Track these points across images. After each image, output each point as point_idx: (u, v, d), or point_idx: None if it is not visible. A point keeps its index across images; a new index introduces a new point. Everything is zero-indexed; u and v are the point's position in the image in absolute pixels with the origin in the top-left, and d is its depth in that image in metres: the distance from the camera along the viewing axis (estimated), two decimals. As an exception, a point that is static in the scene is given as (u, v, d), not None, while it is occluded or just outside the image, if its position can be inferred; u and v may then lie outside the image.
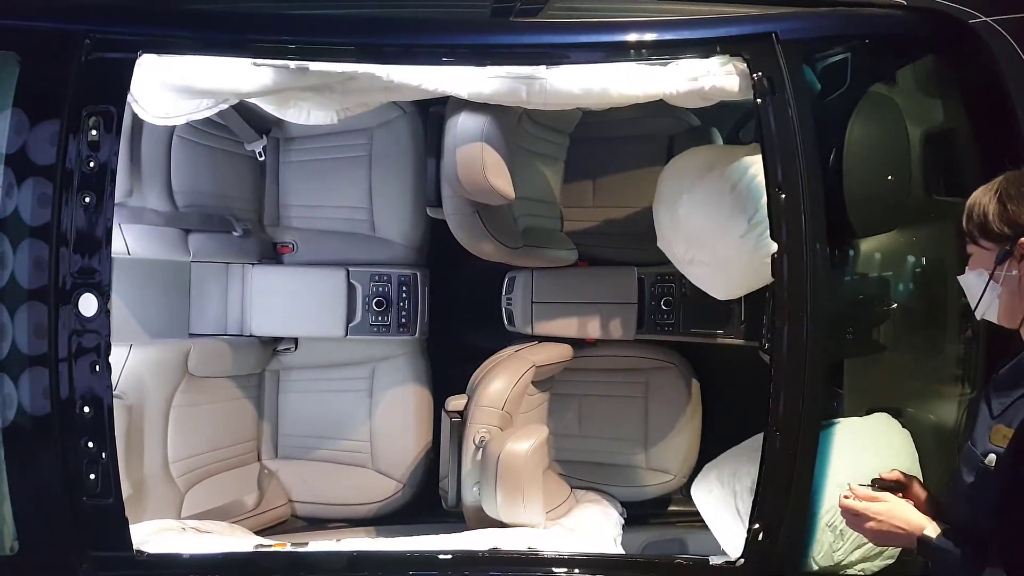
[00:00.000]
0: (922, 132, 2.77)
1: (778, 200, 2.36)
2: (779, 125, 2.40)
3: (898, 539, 1.82)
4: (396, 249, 3.51)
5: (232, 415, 3.38)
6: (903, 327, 2.80)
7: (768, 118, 2.40)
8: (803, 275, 2.34)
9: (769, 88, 2.39)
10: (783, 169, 2.37)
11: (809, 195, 2.36)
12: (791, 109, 2.39)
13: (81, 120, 2.31)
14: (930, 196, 2.77)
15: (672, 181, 2.96)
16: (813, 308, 2.33)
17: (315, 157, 3.57)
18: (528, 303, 3.40)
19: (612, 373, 3.56)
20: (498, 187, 2.78)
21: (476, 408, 2.88)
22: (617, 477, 3.51)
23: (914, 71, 2.80)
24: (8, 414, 2.30)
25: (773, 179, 2.37)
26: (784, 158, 2.38)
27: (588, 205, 3.69)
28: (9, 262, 2.30)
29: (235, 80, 2.45)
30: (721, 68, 2.46)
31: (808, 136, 2.38)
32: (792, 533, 2.36)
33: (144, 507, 2.85)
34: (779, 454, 2.34)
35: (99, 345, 2.29)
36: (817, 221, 2.36)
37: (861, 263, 2.89)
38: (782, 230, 2.36)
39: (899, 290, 2.84)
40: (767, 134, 2.40)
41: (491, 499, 2.69)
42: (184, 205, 3.15)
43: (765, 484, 2.35)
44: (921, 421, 2.66)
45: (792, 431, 2.34)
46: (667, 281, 3.44)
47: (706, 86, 2.48)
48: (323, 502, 3.47)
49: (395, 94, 2.66)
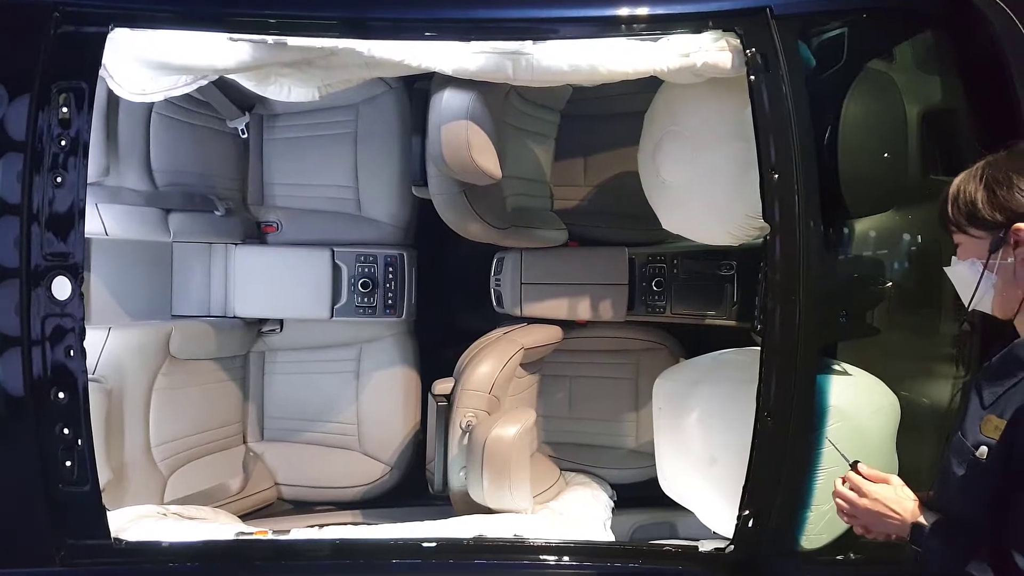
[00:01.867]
0: (920, 110, 2.71)
1: (771, 180, 2.31)
2: (773, 103, 2.35)
3: (891, 525, 1.77)
4: (383, 229, 3.44)
5: (216, 398, 3.32)
6: (898, 309, 2.75)
7: (761, 96, 2.34)
8: (796, 256, 2.30)
9: (763, 65, 2.33)
10: (776, 148, 2.32)
11: (803, 175, 2.31)
12: (785, 86, 2.34)
13: (51, 96, 2.24)
14: (927, 176, 2.72)
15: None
16: (806, 290, 2.29)
17: (300, 134, 3.49)
18: (517, 284, 3.34)
19: (602, 354, 3.52)
20: (484, 166, 2.70)
21: (463, 392, 2.83)
22: (607, 459, 3.48)
23: (912, 47, 2.73)
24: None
25: (766, 159, 2.32)
26: (777, 137, 2.33)
27: (579, 184, 3.63)
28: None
29: (211, 56, 2.37)
30: (714, 44, 2.39)
31: (803, 114, 2.33)
32: (783, 519, 2.33)
33: (125, 492, 2.81)
34: (770, 440, 2.30)
35: (74, 329, 2.23)
36: (811, 201, 2.32)
37: (855, 244, 2.83)
38: (775, 210, 2.31)
39: (894, 272, 2.79)
40: (760, 112, 2.34)
41: (477, 485, 2.65)
42: (164, 184, 3.07)
43: (755, 471, 2.31)
44: (916, 404, 2.63)
45: (783, 416, 2.30)
46: (659, 262, 3.39)
47: (698, 62, 2.41)
48: (309, 485, 3.44)
49: (378, 70, 2.57)
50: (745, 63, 2.33)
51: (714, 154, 2.69)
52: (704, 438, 2.67)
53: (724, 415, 2.63)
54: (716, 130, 2.68)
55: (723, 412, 2.64)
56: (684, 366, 3.02)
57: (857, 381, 2.52)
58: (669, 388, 2.88)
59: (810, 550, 2.38)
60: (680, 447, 2.76)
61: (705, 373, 2.81)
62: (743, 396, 2.35)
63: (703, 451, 2.65)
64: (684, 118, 2.78)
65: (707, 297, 3.31)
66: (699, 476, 2.68)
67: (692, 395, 2.75)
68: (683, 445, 2.74)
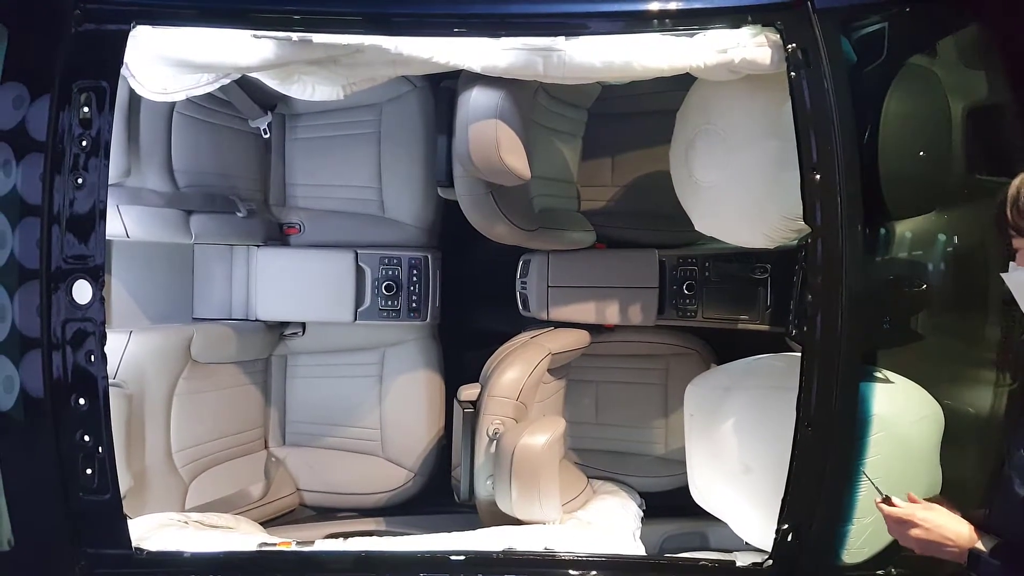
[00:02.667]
0: (964, 107, 2.60)
1: (812, 181, 2.24)
2: (814, 100, 2.27)
3: (945, 551, 1.69)
4: (406, 231, 3.38)
5: (238, 402, 3.28)
6: (941, 315, 2.65)
7: (802, 93, 2.26)
8: (838, 260, 2.22)
9: (804, 60, 2.26)
10: (818, 148, 2.24)
11: (845, 175, 2.23)
12: (827, 83, 2.26)
13: (72, 96, 2.20)
14: (972, 175, 2.61)
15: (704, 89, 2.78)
16: (848, 294, 2.21)
17: (322, 134, 3.44)
18: (543, 287, 3.27)
19: (631, 359, 3.43)
20: (513, 166, 2.62)
21: (489, 398, 2.76)
22: (635, 467, 3.40)
23: (956, 41, 2.62)
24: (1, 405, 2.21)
25: (807, 159, 2.24)
26: (819, 136, 2.25)
27: (607, 184, 3.55)
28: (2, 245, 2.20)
29: (235, 53, 2.31)
30: (752, 39, 2.31)
31: (845, 112, 2.25)
32: (823, 533, 2.24)
33: (146, 499, 2.77)
34: (810, 451, 2.22)
35: (94, 333, 2.19)
36: (853, 203, 2.24)
37: (897, 247, 2.73)
38: (816, 212, 2.23)
39: (937, 275, 2.68)
40: (800, 110, 2.26)
41: (505, 495, 2.57)
42: (185, 185, 3.02)
43: (795, 483, 2.22)
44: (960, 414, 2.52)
45: (825, 426, 2.21)
46: (690, 264, 3.30)
47: (736, 58, 2.33)
48: (332, 491, 3.38)
49: (404, 68, 2.50)
50: (785, 59, 2.25)
51: (749, 153, 2.61)
52: (738, 446, 2.58)
53: (758, 423, 2.54)
54: (751, 128, 2.60)
55: (757, 420, 2.55)
56: (717, 372, 2.93)
57: (900, 389, 2.42)
58: (701, 394, 2.79)
59: (851, 564, 2.29)
60: (713, 455, 2.67)
61: (739, 379, 2.72)
62: (779, 403, 2.27)
63: (737, 460, 2.56)
64: (718, 116, 2.69)
65: (740, 301, 3.21)
66: (732, 486, 2.59)
67: (725, 402, 2.66)
68: (716, 453, 2.65)
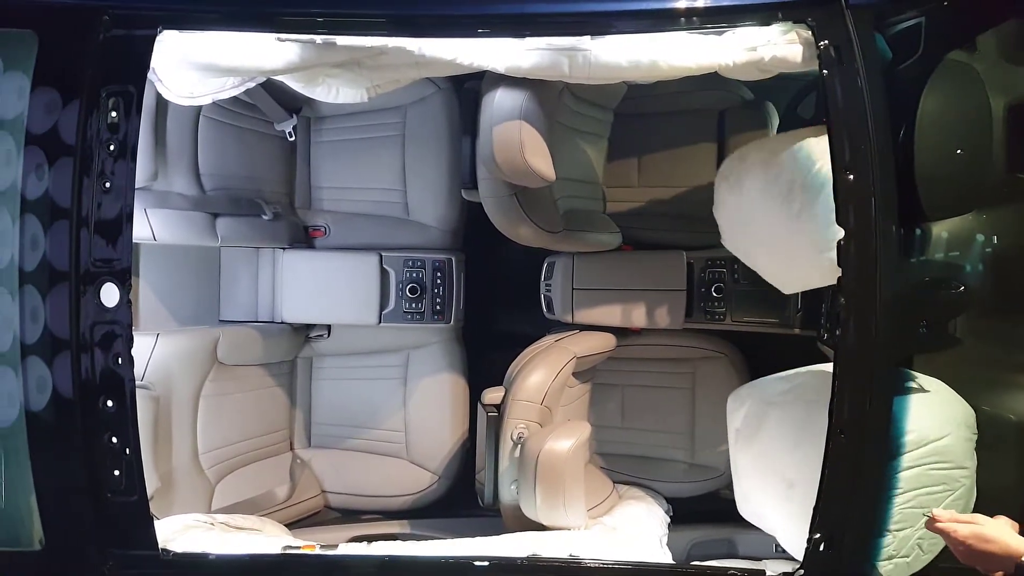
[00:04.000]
0: (1006, 103, 2.52)
1: (845, 182, 2.18)
2: (847, 99, 2.20)
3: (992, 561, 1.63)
4: (431, 233, 3.37)
5: (264, 404, 3.29)
6: (981, 319, 2.57)
7: (835, 92, 2.20)
8: (872, 262, 2.15)
9: (836, 58, 2.19)
10: (851, 148, 2.18)
11: (879, 175, 2.17)
12: (861, 81, 2.20)
13: (100, 101, 2.21)
14: (1013, 174, 2.53)
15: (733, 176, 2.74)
16: (882, 298, 2.15)
17: (347, 137, 3.44)
18: (568, 290, 3.23)
19: (658, 363, 3.39)
20: (537, 168, 2.59)
21: (514, 402, 2.73)
22: (662, 472, 3.35)
23: (997, 36, 2.54)
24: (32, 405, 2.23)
25: (840, 159, 2.18)
26: (852, 136, 2.19)
27: (633, 185, 3.51)
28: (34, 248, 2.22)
29: (259, 57, 2.31)
30: (783, 36, 2.26)
31: (879, 111, 2.19)
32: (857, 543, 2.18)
33: (173, 500, 2.78)
34: (843, 458, 2.16)
35: (121, 336, 2.20)
36: (888, 204, 2.18)
37: (934, 248, 2.66)
38: (849, 214, 2.17)
39: (976, 278, 2.61)
40: (833, 109, 2.20)
41: (530, 500, 2.55)
42: (212, 188, 3.04)
43: (828, 491, 2.16)
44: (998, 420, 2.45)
45: (858, 433, 2.15)
46: (718, 266, 3.25)
47: (766, 56, 2.28)
48: (356, 493, 3.38)
49: (428, 69, 2.49)
50: (817, 57, 2.19)
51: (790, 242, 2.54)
52: (780, 461, 2.51)
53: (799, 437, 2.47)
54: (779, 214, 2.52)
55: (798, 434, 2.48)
56: (761, 385, 2.85)
57: (937, 395, 2.35)
58: (746, 408, 2.72)
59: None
60: (757, 470, 2.62)
61: (782, 394, 2.65)
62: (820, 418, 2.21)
63: (780, 474, 2.50)
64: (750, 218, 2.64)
65: (770, 304, 3.15)
66: (777, 500, 2.53)
67: (769, 416, 2.59)
68: (760, 468, 2.59)
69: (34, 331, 2.23)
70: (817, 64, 2.20)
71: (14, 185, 2.23)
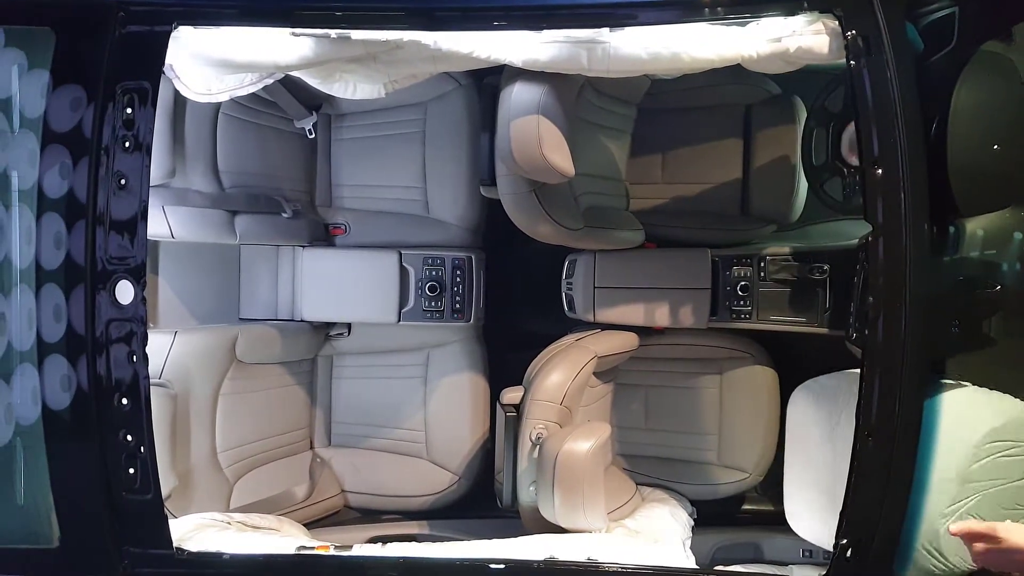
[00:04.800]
0: (1045, 96, 2.42)
1: (873, 175, 2.10)
2: (876, 91, 2.14)
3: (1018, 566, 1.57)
4: (451, 231, 3.34)
5: (283, 402, 3.28)
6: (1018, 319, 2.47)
7: (863, 84, 2.13)
8: (901, 259, 2.08)
9: (865, 48, 2.12)
10: (880, 141, 2.11)
11: (910, 169, 2.10)
12: (890, 72, 2.12)
13: (116, 97, 2.21)
14: (1053, 169, 2.43)
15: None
16: (912, 297, 2.08)
17: (367, 134, 3.41)
18: (590, 288, 3.17)
19: (682, 363, 3.32)
20: (556, 163, 2.54)
21: (532, 402, 2.68)
22: (686, 474, 3.28)
23: (1035, 26, 2.44)
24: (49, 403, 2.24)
25: (868, 152, 2.11)
26: (881, 129, 2.11)
27: (657, 181, 3.44)
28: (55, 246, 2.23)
29: (274, 52, 2.29)
30: (808, 27, 2.19)
31: (910, 103, 2.12)
32: (884, 550, 2.11)
33: (191, 498, 2.78)
34: (871, 463, 2.09)
35: (136, 334, 2.19)
36: (918, 199, 2.11)
37: (967, 246, 2.56)
38: (877, 209, 2.10)
39: (1013, 276, 2.51)
40: (861, 102, 2.14)
41: (548, 502, 2.50)
42: (231, 186, 3.02)
43: (854, 496, 2.10)
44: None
45: (887, 437, 2.08)
46: (744, 264, 3.17)
47: (791, 48, 2.21)
48: (376, 493, 3.36)
49: (444, 64, 2.45)
50: (844, 47, 2.12)
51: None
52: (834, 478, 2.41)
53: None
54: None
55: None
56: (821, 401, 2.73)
57: (968, 396, 2.26)
58: (809, 429, 2.60)
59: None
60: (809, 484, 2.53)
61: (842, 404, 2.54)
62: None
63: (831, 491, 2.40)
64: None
65: (797, 303, 3.07)
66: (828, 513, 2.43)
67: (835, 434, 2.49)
68: (811, 482, 2.51)
69: (58, 329, 2.24)
70: (844, 55, 2.13)
71: (35, 183, 2.25)
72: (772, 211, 3.30)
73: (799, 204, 3.30)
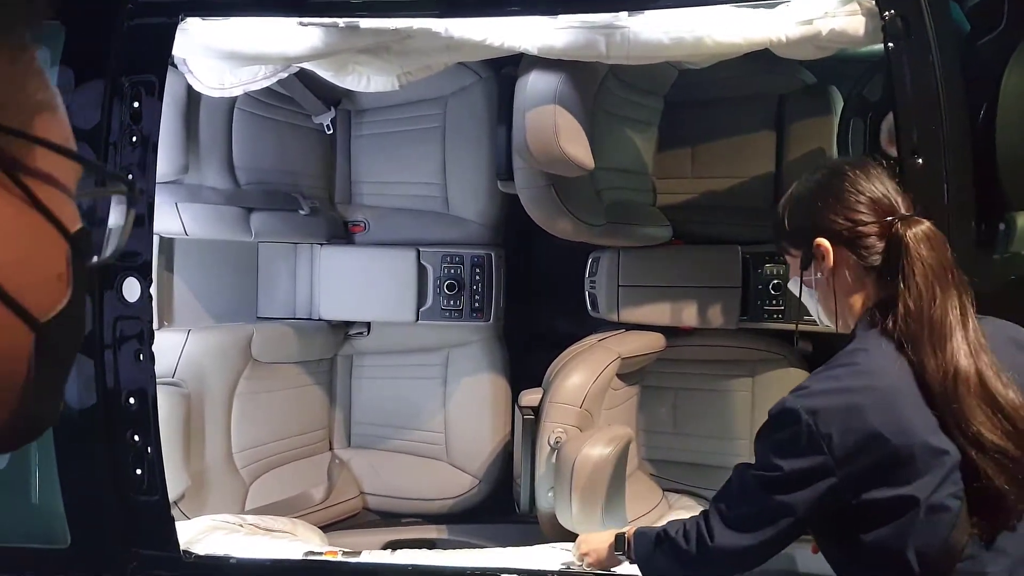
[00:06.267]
0: (1102, 80, 2.24)
1: (913, 166, 1.96)
2: (916, 76, 1.99)
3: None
4: (471, 228, 3.25)
5: (301, 402, 3.22)
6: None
7: (902, 68, 1.99)
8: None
9: (904, 30, 1.98)
10: (920, 129, 1.97)
11: (953, 160, 1.95)
12: (932, 56, 1.97)
13: (123, 91, 2.17)
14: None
15: None
16: (957, 298, 1.92)
17: (387, 130, 3.34)
18: (614, 286, 3.06)
19: (712, 365, 3.19)
20: (573, 155, 2.42)
21: (551, 405, 2.58)
22: (717, 481, 3.08)
23: (1093, 5, 2.27)
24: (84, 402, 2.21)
25: (907, 141, 1.97)
26: (922, 116, 1.97)
27: (685, 176, 3.31)
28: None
29: (282, 43, 2.22)
30: (842, 7, 2.06)
31: (954, 89, 1.97)
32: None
33: (205, 499, 2.73)
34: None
35: (142, 332, 2.15)
36: (963, 192, 1.98)
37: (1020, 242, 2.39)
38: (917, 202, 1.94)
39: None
40: (900, 87, 2.00)
41: (565, 509, 2.40)
42: (247, 182, 2.97)
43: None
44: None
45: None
46: (776, 261, 3.03)
47: (823, 30, 2.07)
48: (395, 495, 3.28)
49: (458, 54, 2.36)
50: (881, 29, 1.98)
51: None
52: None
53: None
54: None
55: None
56: None
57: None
58: None
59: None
60: None
61: None
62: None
63: None
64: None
65: (834, 302, 2.91)
66: None
67: None
68: None
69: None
70: (881, 38, 1.99)
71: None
72: (807, 206, 3.15)
73: (836, 199, 3.14)
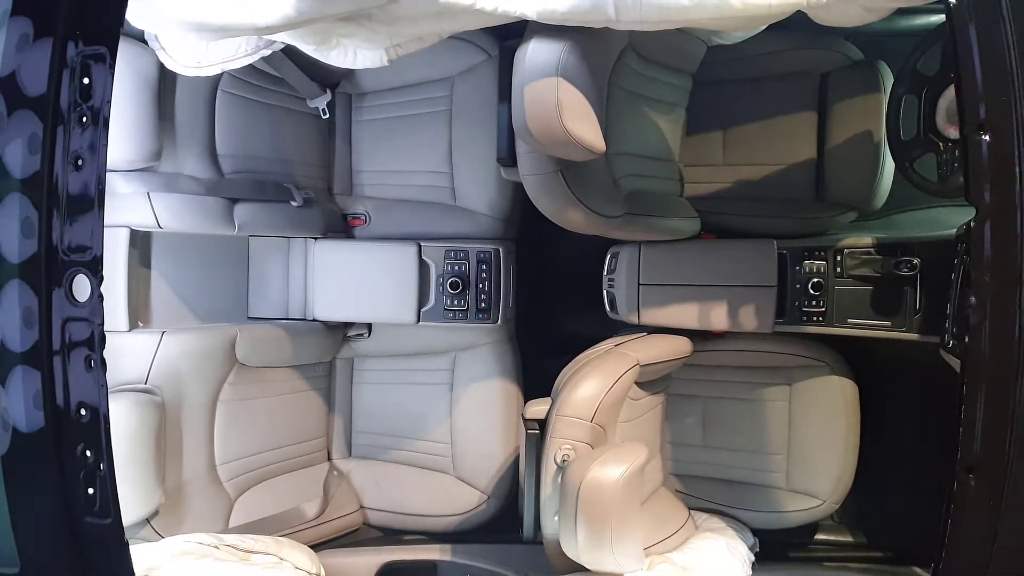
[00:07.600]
0: None
1: (978, 143, 1.66)
2: (983, 37, 1.68)
3: None
4: (480, 220, 2.98)
5: (296, 409, 2.99)
6: None
7: (966, 29, 1.67)
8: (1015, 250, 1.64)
9: (969, -20, 1.66)
10: (988, 100, 1.66)
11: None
12: (1004, 10, 1.66)
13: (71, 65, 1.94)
14: None
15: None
16: (1030, 297, 1.62)
17: (391, 115, 3.09)
18: (633, 285, 2.76)
19: (745, 372, 2.88)
20: (579, 135, 2.11)
21: (558, 419, 2.29)
22: (750, 499, 2.85)
23: None
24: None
25: (973, 116, 1.66)
26: (990, 86, 1.66)
27: (716, 163, 3.02)
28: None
29: (251, 11, 1.97)
30: (894, -45, 1.74)
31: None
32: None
33: (183, 516, 2.52)
34: (973, 507, 1.65)
35: (92, 336, 1.92)
36: (1038, 173, 1.64)
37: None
38: (984, 186, 1.66)
39: None
40: (963, 51, 1.68)
41: (571, 537, 2.11)
42: (231, 171, 2.74)
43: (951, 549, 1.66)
44: None
45: (994, 473, 1.64)
46: (817, 258, 2.71)
47: (871, -17, 1.76)
48: (398, 511, 3.04)
49: (450, 22, 2.08)
50: (942, -22, 1.67)
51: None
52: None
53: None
54: None
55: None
56: None
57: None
58: None
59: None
60: None
61: None
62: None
63: None
64: None
65: (881, 303, 2.59)
66: None
67: None
68: None
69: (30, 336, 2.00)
70: (941, -8, 1.68)
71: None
72: (852, 196, 2.83)
73: (884, 188, 2.82)
